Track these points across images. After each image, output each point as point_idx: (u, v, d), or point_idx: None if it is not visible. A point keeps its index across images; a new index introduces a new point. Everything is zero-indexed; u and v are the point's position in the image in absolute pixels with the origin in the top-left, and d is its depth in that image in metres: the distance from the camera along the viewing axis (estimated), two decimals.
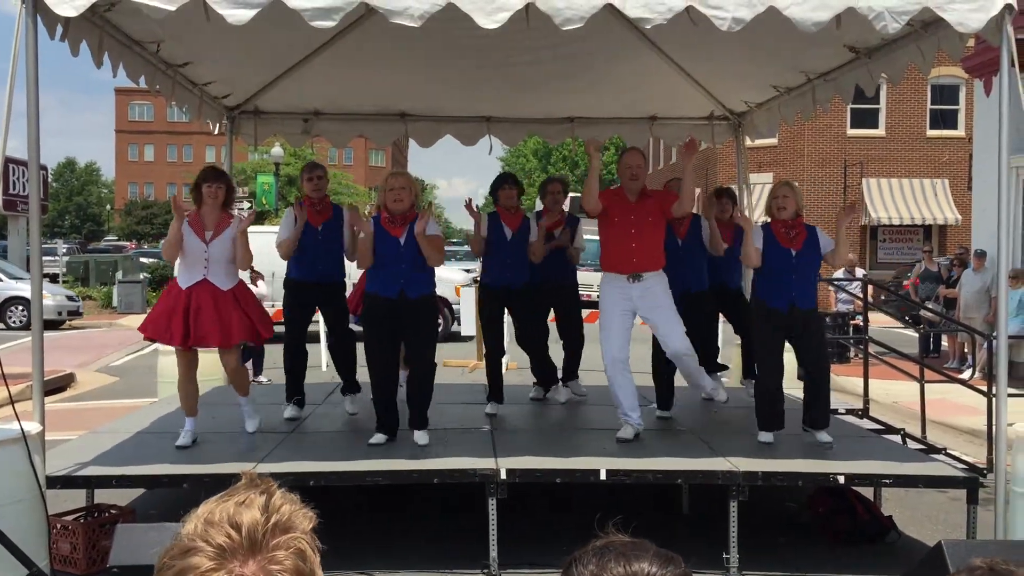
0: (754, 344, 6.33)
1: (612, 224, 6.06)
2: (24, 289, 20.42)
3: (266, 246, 8.08)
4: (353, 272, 6.84)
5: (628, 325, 6.09)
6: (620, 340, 6.03)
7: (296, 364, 6.90)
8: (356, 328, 7.18)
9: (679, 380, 6.78)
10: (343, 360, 6.99)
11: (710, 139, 9.13)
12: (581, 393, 7.66)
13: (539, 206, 7.64)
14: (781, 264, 5.92)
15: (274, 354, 8.35)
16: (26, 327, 20.03)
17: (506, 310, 7.07)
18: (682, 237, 6.82)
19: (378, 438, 5.86)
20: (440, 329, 6.48)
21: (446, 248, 7.74)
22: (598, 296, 6.27)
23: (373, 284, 5.93)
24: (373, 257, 5.89)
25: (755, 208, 16.53)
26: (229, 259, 5.81)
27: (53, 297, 21.29)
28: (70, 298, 22.08)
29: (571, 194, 29.00)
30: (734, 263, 7.20)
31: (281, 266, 6.89)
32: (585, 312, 7.91)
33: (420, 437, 5.89)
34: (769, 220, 6.15)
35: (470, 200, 7.18)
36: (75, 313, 22.03)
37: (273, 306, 11.01)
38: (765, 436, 6.00)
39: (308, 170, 6.77)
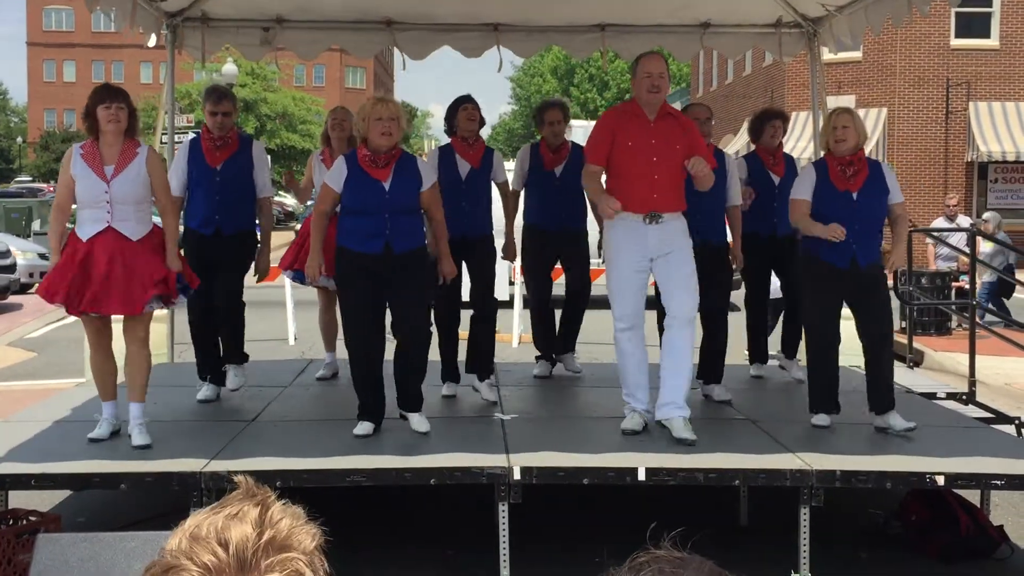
0: (803, 307, 6.45)
1: (625, 150, 5.96)
2: None
3: None
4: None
5: (644, 281, 6.07)
6: (635, 301, 6.01)
7: (203, 330, 6.93)
8: (294, 284, 7.29)
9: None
10: (232, 330, 6.99)
11: (777, 52, 9.04)
12: (575, 369, 7.75)
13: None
14: (838, 210, 5.97)
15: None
16: None
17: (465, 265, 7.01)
18: None
19: (364, 427, 5.88)
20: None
21: None
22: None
23: (348, 238, 5.88)
24: (340, 202, 5.91)
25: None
26: (138, 200, 5.68)
27: (23, 255, 21.12)
28: (43, 256, 21.80)
29: (576, 123, 28.83)
30: (785, 203, 7.19)
31: None
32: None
33: (418, 423, 5.92)
34: (823, 154, 6.24)
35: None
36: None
37: None
38: (821, 419, 6.12)
39: (214, 102, 6.79)
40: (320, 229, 6.04)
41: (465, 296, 7.04)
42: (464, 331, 7.11)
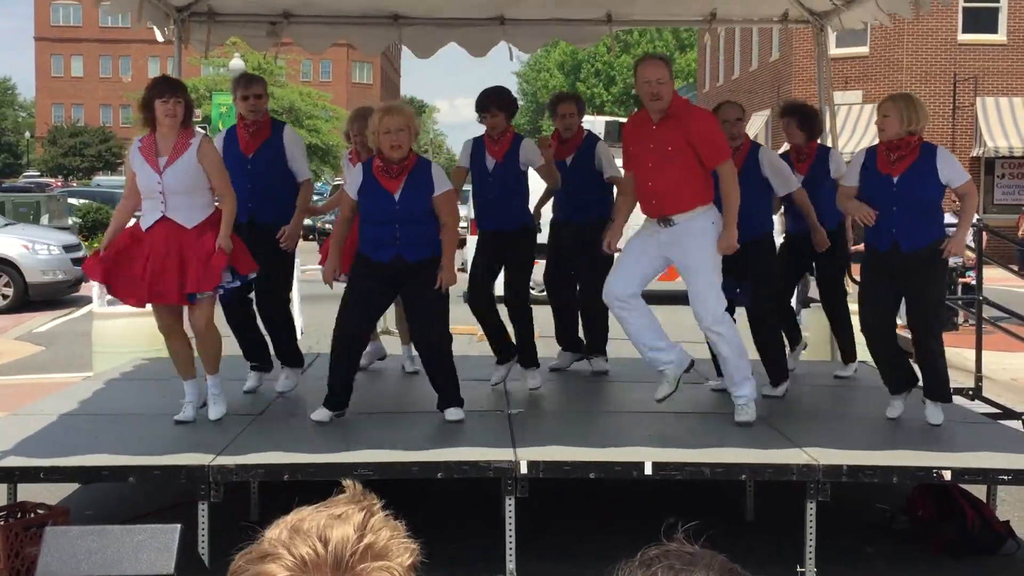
0: (859, 291, 6.49)
1: (631, 158, 6.10)
2: None
3: None
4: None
5: (648, 263, 6.06)
6: (628, 274, 6.02)
7: (237, 314, 6.90)
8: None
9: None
10: (278, 327, 6.99)
11: (786, 46, 9.01)
12: (602, 370, 7.68)
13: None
14: (876, 193, 6.00)
15: None
16: None
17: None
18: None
19: (321, 414, 5.96)
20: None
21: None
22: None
23: (365, 244, 6.03)
24: (358, 211, 6.03)
25: (839, 134, 16.40)
26: (191, 189, 5.84)
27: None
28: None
29: (604, 119, 28.79)
30: (827, 194, 7.09)
31: None
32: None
33: (453, 413, 6.04)
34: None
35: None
36: None
37: None
38: (896, 407, 6.17)
39: (244, 86, 6.81)
40: (339, 234, 6.21)
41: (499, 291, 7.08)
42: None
